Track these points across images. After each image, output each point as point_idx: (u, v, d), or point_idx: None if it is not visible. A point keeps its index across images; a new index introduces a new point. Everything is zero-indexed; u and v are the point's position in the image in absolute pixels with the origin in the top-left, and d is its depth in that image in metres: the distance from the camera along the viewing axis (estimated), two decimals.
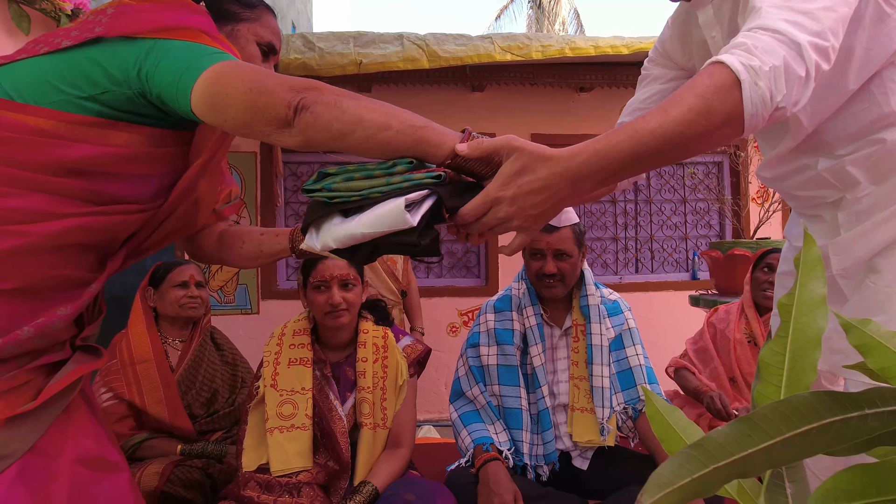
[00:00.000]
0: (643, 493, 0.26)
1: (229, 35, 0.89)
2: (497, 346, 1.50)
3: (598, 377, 1.43)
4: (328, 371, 1.38)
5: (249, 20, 0.93)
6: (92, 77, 0.73)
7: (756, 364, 0.46)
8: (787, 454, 0.28)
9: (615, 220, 3.80)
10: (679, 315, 3.45)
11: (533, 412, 1.47)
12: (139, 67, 0.73)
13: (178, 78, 0.70)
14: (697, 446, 0.27)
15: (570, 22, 12.13)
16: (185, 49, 0.73)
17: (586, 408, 1.44)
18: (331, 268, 1.36)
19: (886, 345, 0.38)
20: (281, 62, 2.76)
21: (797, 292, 0.42)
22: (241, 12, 0.93)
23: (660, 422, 0.44)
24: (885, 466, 0.32)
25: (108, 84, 0.73)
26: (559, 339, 1.52)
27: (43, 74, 0.74)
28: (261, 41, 0.94)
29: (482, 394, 1.47)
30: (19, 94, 0.73)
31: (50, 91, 0.73)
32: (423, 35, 2.97)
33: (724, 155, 3.54)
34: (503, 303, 1.55)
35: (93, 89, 0.73)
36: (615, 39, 3.03)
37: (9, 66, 0.76)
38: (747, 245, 2.45)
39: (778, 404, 0.28)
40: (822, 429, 0.27)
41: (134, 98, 0.75)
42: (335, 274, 1.36)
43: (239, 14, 0.92)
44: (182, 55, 0.72)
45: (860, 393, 0.27)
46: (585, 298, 1.50)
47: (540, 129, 3.61)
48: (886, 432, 0.28)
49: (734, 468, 0.27)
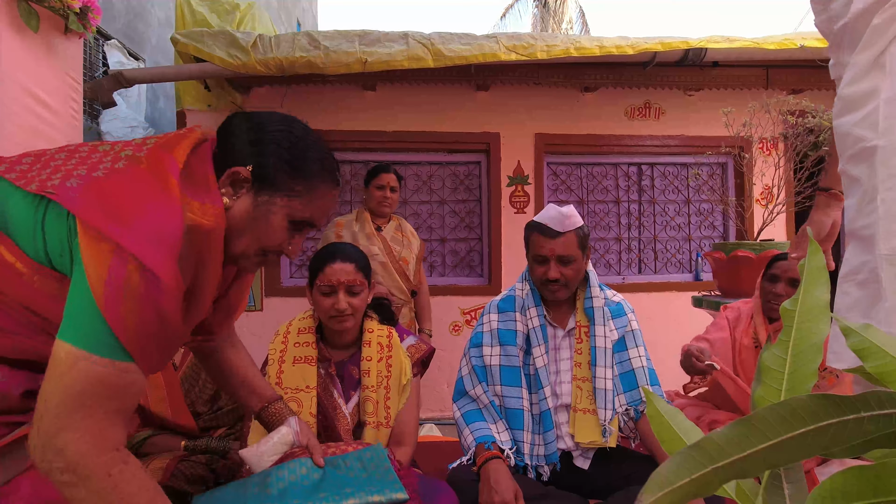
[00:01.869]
0: (643, 492, 0.27)
1: (262, 203, 0.80)
2: (500, 347, 1.50)
3: (602, 379, 1.44)
4: (332, 369, 1.38)
5: (294, 195, 0.82)
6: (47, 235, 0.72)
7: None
8: (784, 455, 0.28)
9: (619, 221, 3.80)
10: (681, 316, 3.44)
11: (535, 412, 1.47)
12: (70, 256, 0.70)
13: (65, 317, 0.68)
14: (697, 447, 0.28)
15: (575, 21, 12.09)
16: (85, 298, 0.66)
17: (588, 409, 1.44)
18: (338, 273, 1.35)
19: (885, 349, 0.39)
20: (286, 60, 2.77)
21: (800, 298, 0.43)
22: (290, 184, 0.82)
23: (660, 423, 0.45)
24: (882, 468, 0.32)
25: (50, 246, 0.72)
26: (562, 340, 1.52)
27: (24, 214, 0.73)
28: (294, 219, 0.84)
29: (485, 393, 1.47)
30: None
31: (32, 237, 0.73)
32: (429, 34, 2.97)
33: (728, 156, 3.54)
34: (507, 303, 1.55)
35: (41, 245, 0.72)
36: (620, 39, 3.03)
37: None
38: (750, 247, 2.45)
39: (776, 406, 0.28)
40: (819, 431, 0.28)
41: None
42: (342, 280, 1.35)
43: (285, 186, 0.81)
44: (79, 299, 0.67)
45: (856, 396, 0.27)
46: (590, 300, 1.50)
47: (544, 129, 3.61)
48: (883, 435, 0.28)
49: (733, 469, 0.28)
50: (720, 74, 3.34)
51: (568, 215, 1.46)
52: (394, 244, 2.48)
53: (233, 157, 0.80)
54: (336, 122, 3.49)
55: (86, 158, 0.75)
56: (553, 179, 3.76)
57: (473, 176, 3.71)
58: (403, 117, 3.52)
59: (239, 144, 0.81)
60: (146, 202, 0.70)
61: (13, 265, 0.71)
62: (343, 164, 3.60)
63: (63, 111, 1.88)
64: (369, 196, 2.50)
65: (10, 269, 0.71)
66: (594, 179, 3.80)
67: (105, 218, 0.67)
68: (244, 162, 0.79)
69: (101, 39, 3.86)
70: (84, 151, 0.78)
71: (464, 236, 3.69)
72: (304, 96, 3.44)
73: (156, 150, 0.76)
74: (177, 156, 0.75)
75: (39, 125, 1.77)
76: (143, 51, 4.42)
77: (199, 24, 3.15)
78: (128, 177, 0.72)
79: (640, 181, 3.83)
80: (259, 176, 0.80)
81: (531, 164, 3.61)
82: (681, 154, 3.76)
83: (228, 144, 0.82)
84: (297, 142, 0.83)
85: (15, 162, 0.77)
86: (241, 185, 0.80)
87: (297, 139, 0.83)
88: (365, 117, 3.50)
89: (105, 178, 0.72)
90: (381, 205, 2.48)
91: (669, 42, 3.01)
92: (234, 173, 0.78)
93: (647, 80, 3.32)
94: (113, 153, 0.76)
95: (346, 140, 3.50)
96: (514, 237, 3.56)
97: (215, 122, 3.58)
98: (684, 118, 3.70)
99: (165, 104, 4.70)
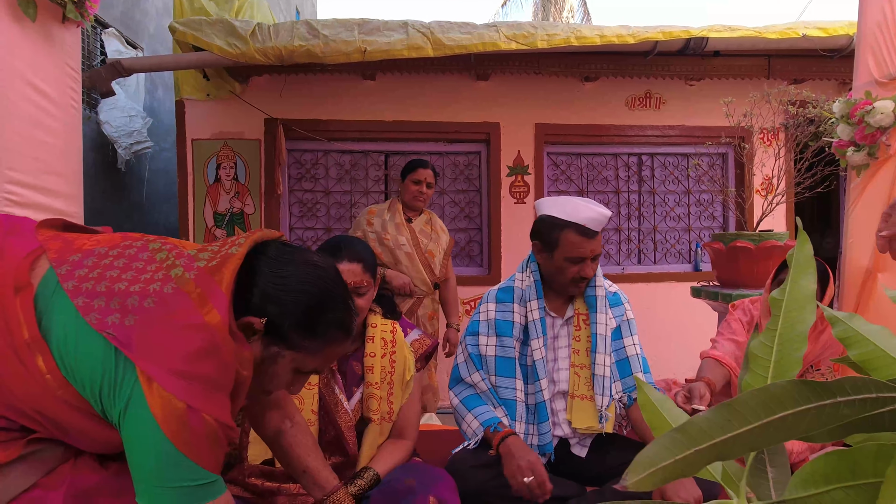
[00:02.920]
0: (628, 472, 0.28)
1: (271, 354, 0.82)
2: (496, 338, 1.50)
3: (601, 366, 1.45)
4: (334, 365, 1.37)
5: (304, 350, 0.84)
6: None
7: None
8: (765, 439, 0.29)
9: (619, 211, 3.80)
10: (681, 306, 3.46)
11: (529, 403, 1.48)
12: (119, 413, 0.72)
13: (136, 484, 0.71)
14: (681, 430, 0.29)
15: (577, 9, 11.99)
16: (156, 456, 0.70)
17: (585, 395, 1.46)
18: (345, 274, 1.30)
19: (869, 338, 0.40)
20: (285, 49, 2.76)
21: (788, 288, 0.44)
22: (301, 343, 0.83)
23: (650, 410, 0.46)
24: (860, 452, 0.34)
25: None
26: (561, 328, 1.53)
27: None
28: (300, 370, 0.86)
29: (483, 380, 1.49)
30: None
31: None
32: (428, 23, 2.95)
33: (728, 146, 3.53)
34: (505, 294, 1.55)
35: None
36: (621, 29, 3.01)
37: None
38: (749, 237, 2.45)
39: (757, 392, 0.29)
40: (798, 415, 0.29)
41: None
42: (349, 281, 1.31)
43: (296, 344, 0.82)
44: (147, 460, 0.71)
45: (833, 382, 0.28)
46: (593, 290, 1.51)
47: (545, 119, 3.60)
48: (860, 419, 0.29)
49: (714, 450, 0.29)
50: (721, 64, 3.32)
51: (607, 215, 1.45)
52: (421, 237, 2.51)
53: (249, 304, 0.81)
54: (335, 111, 3.48)
55: (140, 273, 0.77)
56: (553, 169, 3.76)
57: (473, 166, 3.70)
58: (403, 107, 3.51)
59: (257, 295, 0.81)
60: (199, 349, 0.73)
61: (43, 376, 0.73)
62: (342, 154, 3.60)
63: (62, 101, 1.88)
64: (404, 189, 2.53)
65: (41, 379, 0.73)
66: (594, 169, 3.80)
67: (169, 376, 0.70)
68: (260, 313, 0.80)
69: (98, 28, 3.84)
70: (141, 260, 0.79)
71: (463, 226, 3.70)
72: (303, 85, 3.43)
73: (204, 273, 0.77)
74: (223, 282, 0.77)
75: (39, 115, 1.77)
76: (141, 39, 4.39)
77: (198, 12, 3.13)
78: (179, 312, 0.74)
79: (641, 171, 3.83)
80: (272, 329, 0.81)
81: (531, 154, 3.61)
82: (681, 144, 3.75)
83: (248, 287, 0.81)
84: (316, 304, 0.83)
85: (76, 265, 0.77)
86: (254, 333, 0.81)
87: (317, 302, 0.83)
88: (364, 106, 3.49)
89: (157, 308, 0.73)
90: (416, 199, 2.51)
91: (670, 31, 2.99)
92: (248, 323, 0.79)
93: (647, 70, 3.31)
94: (164, 271, 0.77)
95: (345, 129, 3.49)
96: (513, 227, 3.56)
97: (214, 112, 3.56)
98: (685, 108, 3.68)
99: (164, 93, 4.69)
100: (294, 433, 1.12)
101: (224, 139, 3.43)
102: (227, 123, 3.43)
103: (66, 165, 1.91)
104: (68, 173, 1.92)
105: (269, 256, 0.84)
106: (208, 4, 3.20)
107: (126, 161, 4.04)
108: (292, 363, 0.84)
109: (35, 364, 0.72)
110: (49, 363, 0.72)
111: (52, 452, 0.80)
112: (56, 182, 1.85)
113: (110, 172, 4.02)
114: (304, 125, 3.44)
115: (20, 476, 0.77)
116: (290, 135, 3.44)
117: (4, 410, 0.76)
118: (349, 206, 3.61)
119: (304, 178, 3.59)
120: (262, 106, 3.41)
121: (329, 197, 3.60)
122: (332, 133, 3.49)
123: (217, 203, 3.45)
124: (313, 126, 3.45)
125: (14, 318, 0.72)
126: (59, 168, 1.86)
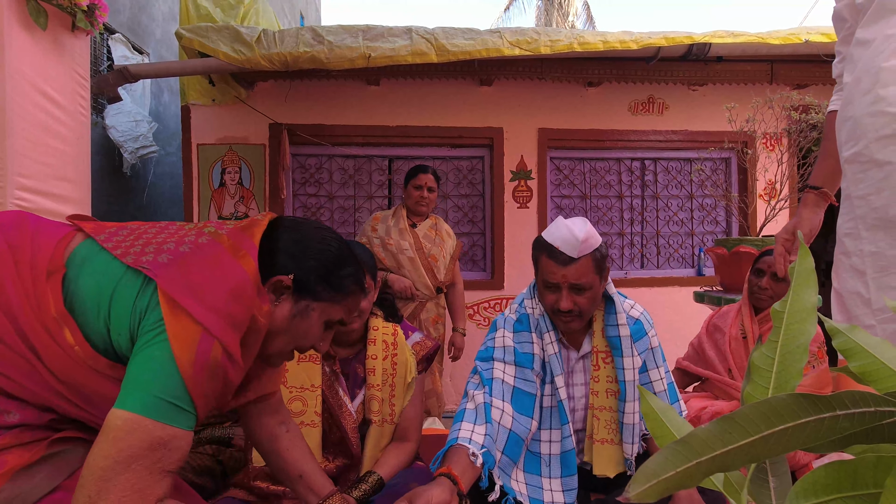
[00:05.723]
0: (631, 483, 0.29)
1: (301, 308, 0.90)
2: (516, 368, 1.32)
3: (630, 414, 1.31)
4: (337, 367, 1.38)
5: (332, 301, 0.93)
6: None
7: (747, 358, 0.48)
8: (765, 450, 0.30)
9: (621, 216, 3.81)
10: (683, 311, 3.46)
11: (553, 452, 1.30)
12: (135, 323, 0.77)
13: (122, 390, 0.74)
14: (682, 442, 0.30)
15: (580, 14, 12.02)
16: (165, 368, 0.73)
17: (607, 439, 1.33)
18: None
19: (868, 350, 0.40)
20: (290, 55, 2.79)
21: (790, 300, 0.44)
22: (328, 294, 0.92)
23: (654, 419, 0.47)
24: (860, 463, 0.34)
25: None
26: (576, 363, 1.38)
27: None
28: (329, 320, 0.95)
29: (484, 398, 1.31)
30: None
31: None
32: (432, 29, 2.97)
33: (731, 152, 3.53)
34: (522, 324, 1.37)
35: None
36: (624, 34, 3.02)
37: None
38: (752, 242, 2.46)
39: (758, 405, 0.30)
40: (798, 428, 0.29)
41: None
42: None
43: (323, 295, 0.92)
44: (153, 370, 0.73)
45: (833, 396, 0.29)
46: (615, 329, 1.32)
47: (548, 124, 3.62)
48: (858, 431, 0.30)
49: (716, 462, 0.30)
50: (724, 69, 3.33)
51: (583, 238, 1.22)
52: (425, 241, 2.52)
53: (276, 265, 0.89)
54: (339, 116, 3.50)
55: (175, 233, 0.86)
56: (556, 174, 3.77)
57: (476, 171, 3.72)
58: (407, 112, 3.53)
59: (283, 256, 0.89)
60: (229, 288, 0.79)
61: (72, 348, 0.77)
62: (346, 158, 3.62)
63: (71, 107, 1.90)
64: (407, 195, 2.56)
65: (70, 351, 0.77)
66: (597, 174, 3.80)
67: (194, 302, 0.76)
68: (286, 271, 0.88)
69: (105, 34, 3.87)
70: (174, 227, 0.90)
71: (467, 231, 3.71)
72: (308, 91, 3.45)
73: (236, 230, 0.87)
74: (254, 237, 0.86)
75: (48, 121, 1.79)
76: (147, 45, 4.43)
77: (203, 18, 3.16)
78: (212, 255, 0.81)
79: (644, 176, 3.84)
80: (300, 285, 0.89)
81: (534, 159, 3.62)
82: (684, 149, 3.75)
83: (272, 251, 0.90)
84: (335, 260, 0.94)
85: (113, 234, 0.85)
86: (283, 292, 0.89)
87: (335, 258, 0.94)
88: (368, 112, 3.51)
89: (192, 253, 0.81)
90: (419, 204, 2.54)
91: (673, 37, 3.00)
92: (278, 281, 0.87)
93: (650, 75, 3.32)
94: (197, 230, 0.87)
95: (349, 135, 3.51)
96: (517, 232, 3.57)
97: (219, 117, 3.58)
98: (688, 113, 3.69)
99: (170, 98, 4.72)
100: (290, 437, 1.12)
101: (229, 144, 3.46)
102: (233, 128, 3.46)
103: (75, 171, 1.93)
104: (77, 179, 1.94)
105: (285, 226, 0.94)
106: (214, 11, 3.23)
107: (132, 165, 4.07)
108: (322, 315, 0.93)
109: (63, 338, 0.77)
110: (77, 336, 0.78)
111: (74, 454, 0.82)
112: (65, 187, 1.87)
113: (116, 177, 4.05)
114: (309, 130, 3.46)
115: (45, 479, 0.79)
116: (294, 140, 3.46)
117: (32, 397, 0.78)
118: (353, 211, 3.63)
119: (308, 182, 3.61)
120: (267, 111, 3.44)
121: (333, 201, 3.62)
122: (336, 138, 3.51)
123: (222, 207, 3.47)
124: (317, 131, 3.48)
125: (44, 298, 0.78)
126: (68, 174, 1.88)
